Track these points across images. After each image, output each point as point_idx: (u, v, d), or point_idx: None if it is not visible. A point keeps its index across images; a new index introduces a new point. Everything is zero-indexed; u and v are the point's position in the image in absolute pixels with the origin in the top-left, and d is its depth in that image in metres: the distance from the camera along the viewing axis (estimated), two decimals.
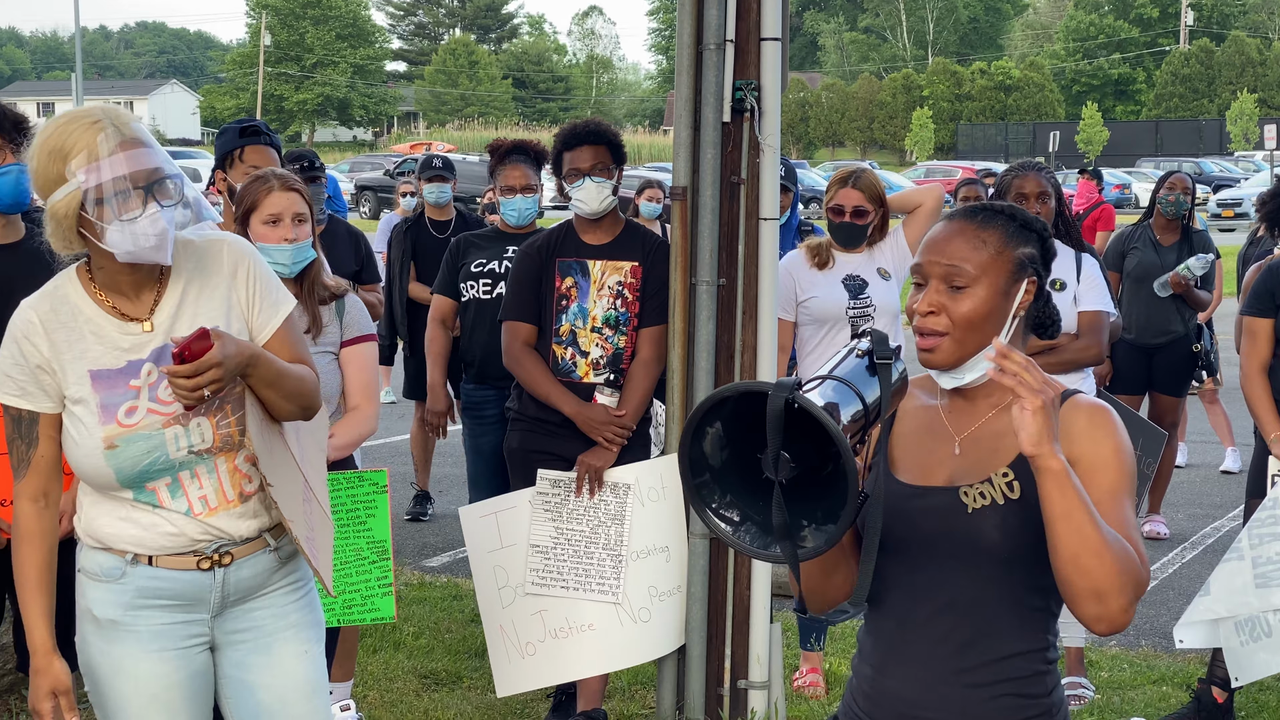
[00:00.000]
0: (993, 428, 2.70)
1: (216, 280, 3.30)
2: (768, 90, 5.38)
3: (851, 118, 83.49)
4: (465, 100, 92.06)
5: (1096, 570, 2.43)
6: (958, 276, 2.66)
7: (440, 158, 9.13)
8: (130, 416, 3.19)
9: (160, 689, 3.29)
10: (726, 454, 2.41)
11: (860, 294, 5.92)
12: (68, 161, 3.06)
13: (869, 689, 2.77)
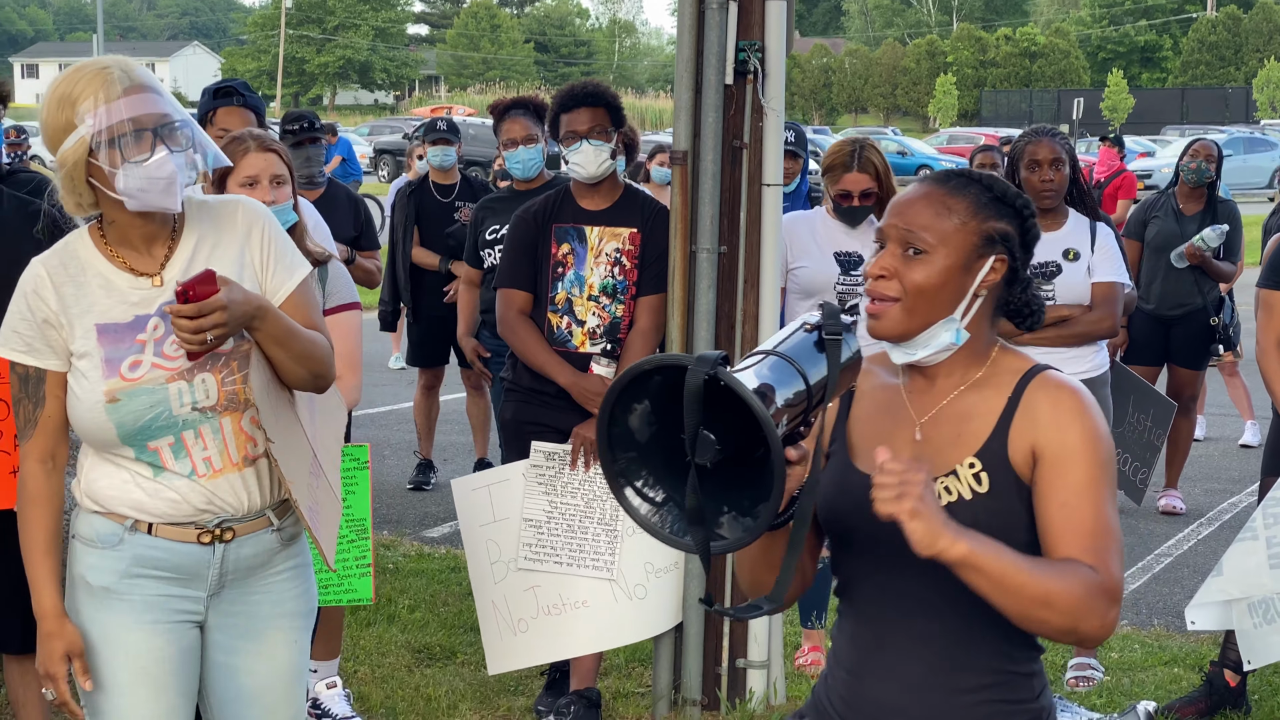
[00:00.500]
0: (956, 409, 2.53)
1: (230, 239, 3.23)
2: (772, 51, 5.22)
3: (875, 84, 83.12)
4: (487, 64, 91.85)
5: (1052, 618, 2.33)
6: (915, 241, 2.50)
7: (445, 120, 8.97)
8: (134, 370, 3.12)
9: (151, 662, 3.20)
10: (654, 430, 2.23)
11: (853, 270, 5.73)
12: (76, 107, 3.01)
13: (845, 692, 2.61)
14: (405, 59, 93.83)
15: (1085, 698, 5.61)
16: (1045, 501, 2.42)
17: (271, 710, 3.38)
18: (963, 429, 2.50)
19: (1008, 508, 2.42)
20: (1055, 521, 2.40)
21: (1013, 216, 2.55)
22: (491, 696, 5.59)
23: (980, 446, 2.46)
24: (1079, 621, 2.33)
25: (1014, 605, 2.31)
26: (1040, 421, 2.43)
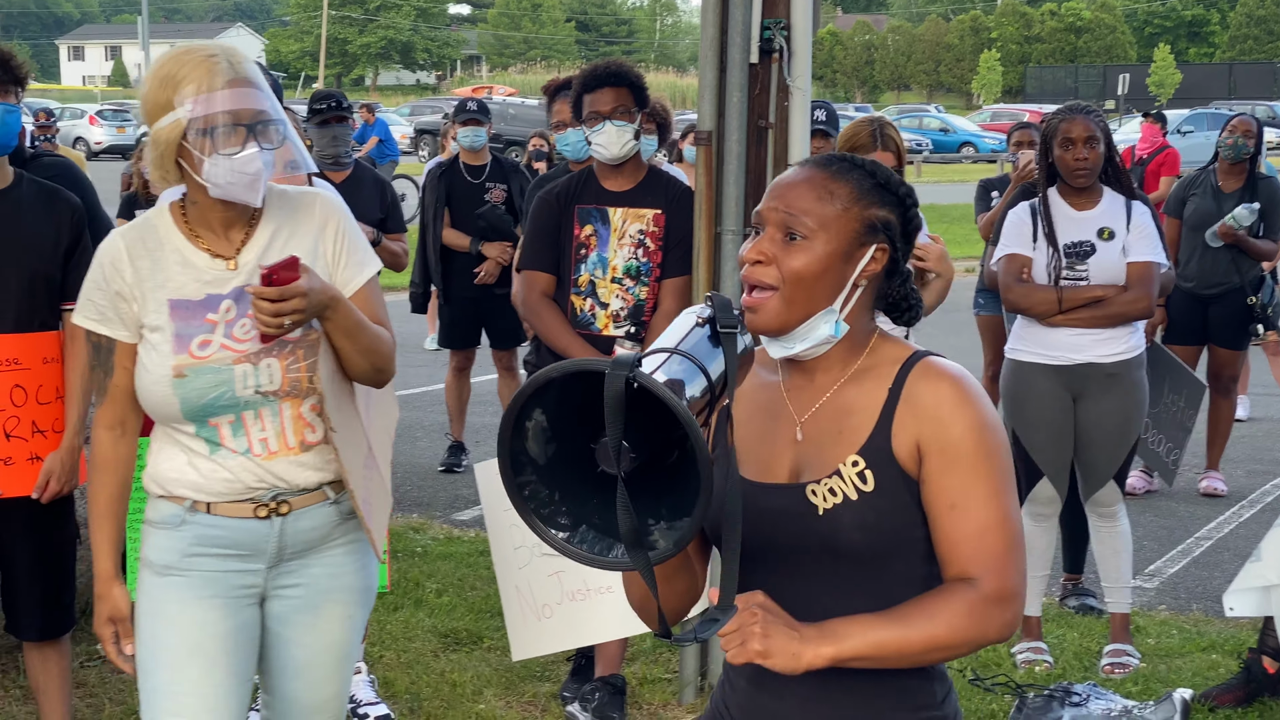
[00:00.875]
0: (836, 404, 2.41)
1: (306, 229, 3.27)
2: (798, 30, 5.14)
3: (918, 60, 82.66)
4: (528, 43, 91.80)
5: (949, 654, 2.28)
6: (795, 226, 2.37)
7: (475, 101, 8.90)
8: (203, 349, 3.16)
9: (204, 637, 3.24)
10: (553, 448, 2.09)
11: None
12: (178, 90, 3.07)
13: (745, 702, 2.48)
14: (447, 39, 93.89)
15: (1120, 685, 5.52)
16: (934, 504, 2.32)
17: (317, 685, 3.43)
18: (844, 425, 2.38)
19: (896, 505, 2.31)
20: (944, 527, 2.31)
21: (895, 204, 2.43)
22: (517, 683, 5.55)
23: (863, 443, 2.34)
24: (975, 643, 2.28)
25: (907, 664, 2.28)
26: (923, 414, 2.32)
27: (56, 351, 4.33)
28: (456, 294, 8.68)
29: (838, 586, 2.34)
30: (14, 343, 4.23)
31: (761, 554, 2.39)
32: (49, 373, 4.30)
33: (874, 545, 2.32)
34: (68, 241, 4.33)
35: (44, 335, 4.30)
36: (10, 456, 4.26)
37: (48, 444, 4.31)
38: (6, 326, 4.22)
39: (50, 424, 4.31)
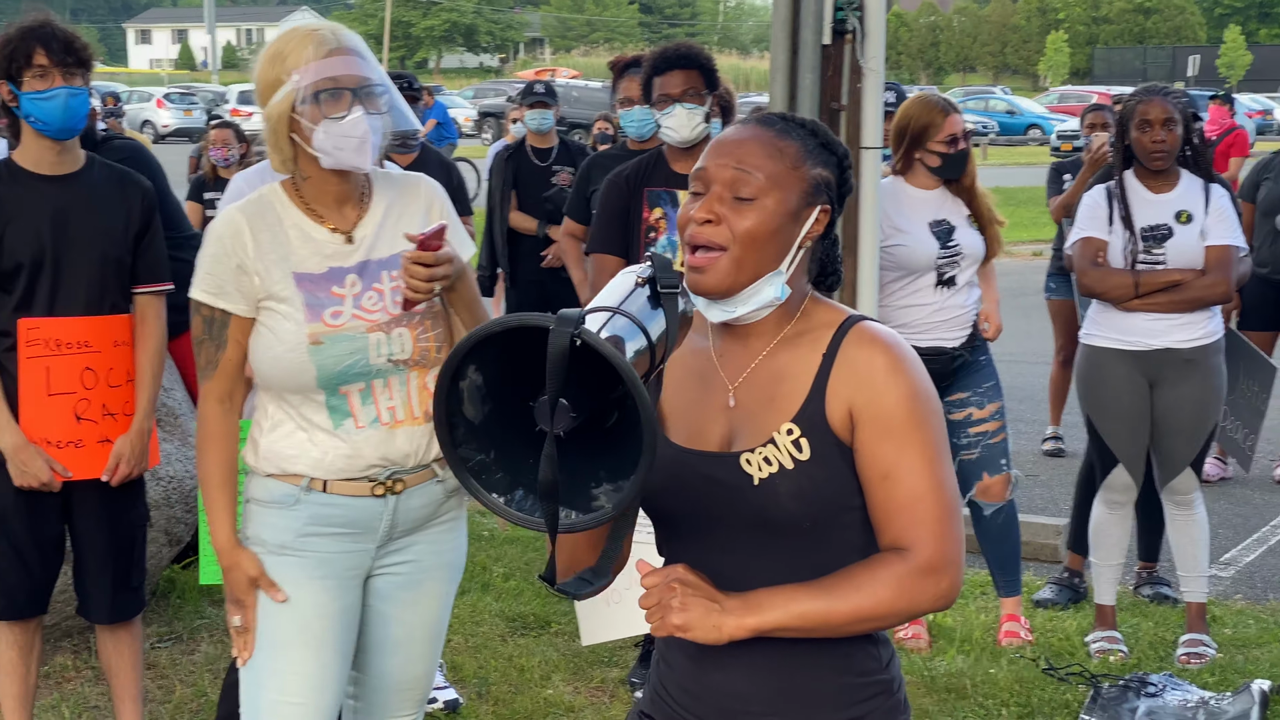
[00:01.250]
0: (769, 369, 2.35)
1: (414, 210, 3.37)
2: (871, 10, 5.09)
3: (984, 42, 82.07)
4: (591, 26, 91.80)
5: (879, 624, 2.26)
6: (746, 185, 2.29)
7: (543, 83, 8.87)
8: (335, 319, 3.23)
9: (313, 617, 3.28)
10: (490, 407, 2.04)
11: (948, 240, 5.62)
12: (285, 64, 3.18)
13: (688, 682, 2.42)
14: (510, 21, 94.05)
15: (1196, 675, 5.44)
16: (867, 473, 2.27)
17: (411, 661, 3.48)
18: (776, 391, 2.32)
19: (832, 474, 2.26)
20: (877, 497, 2.26)
21: (835, 166, 2.38)
22: (585, 668, 5.54)
23: (797, 410, 2.29)
24: (905, 614, 2.25)
25: (833, 634, 2.25)
26: (856, 381, 2.26)
27: (127, 335, 4.33)
28: (523, 277, 8.65)
29: (774, 557, 2.30)
30: (84, 325, 4.24)
31: (694, 523, 2.35)
32: (119, 356, 4.31)
33: (811, 515, 2.28)
34: (138, 225, 4.33)
35: (115, 318, 4.31)
36: (81, 439, 4.27)
37: (118, 427, 4.32)
38: (77, 309, 4.23)
39: (120, 407, 4.32)
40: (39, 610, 4.41)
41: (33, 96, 4.14)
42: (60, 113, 4.15)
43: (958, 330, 5.67)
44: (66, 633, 5.57)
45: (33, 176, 4.25)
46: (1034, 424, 9.46)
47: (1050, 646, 5.76)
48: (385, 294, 3.27)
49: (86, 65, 4.22)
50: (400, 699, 3.52)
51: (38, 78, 4.13)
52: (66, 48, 4.16)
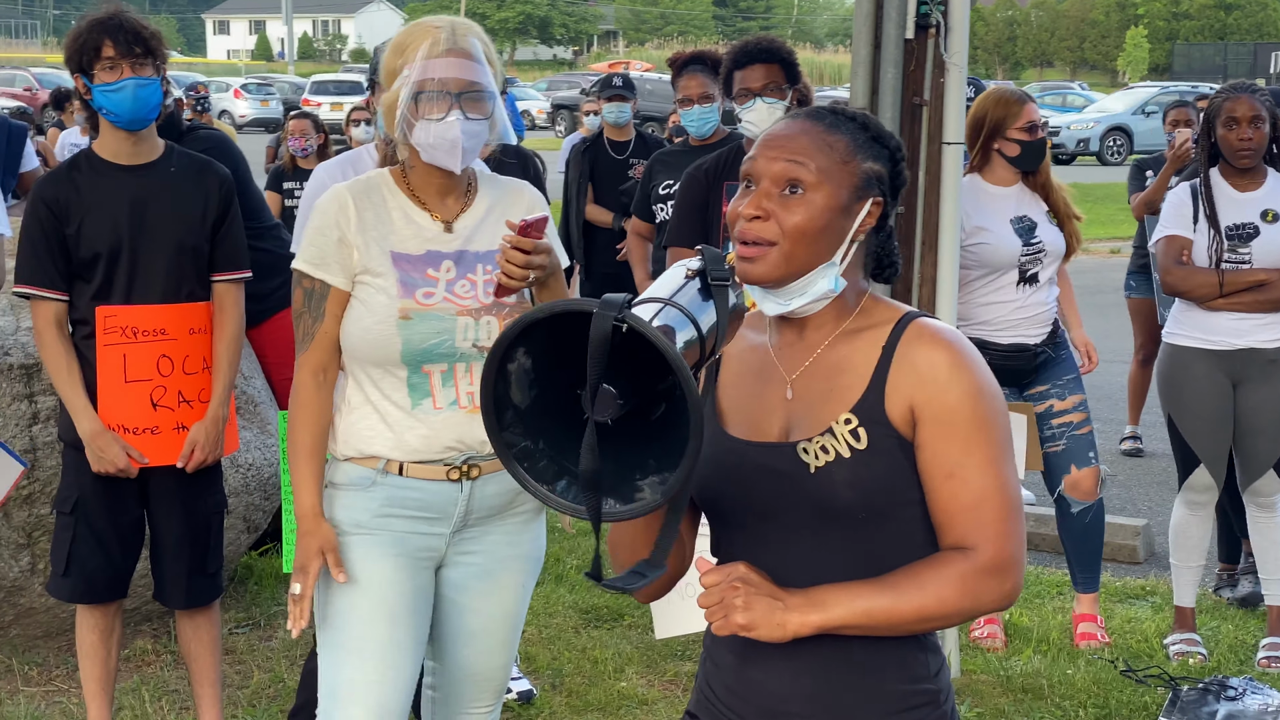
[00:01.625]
0: (827, 362, 2.33)
1: (517, 211, 3.41)
2: (955, 5, 5.04)
3: (1061, 37, 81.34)
4: (665, 19, 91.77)
5: (940, 624, 2.24)
6: (796, 180, 2.28)
7: (621, 76, 8.87)
8: (427, 299, 3.29)
9: (392, 595, 3.32)
10: (536, 392, 2.03)
11: (1031, 237, 5.57)
12: (404, 56, 3.27)
13: (731, 681, 2.41)
14: (584, 14, 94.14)
15: (1277, 679, 5.37)
16: (930, 471, 2.25)
17: (488, 652, 3.50)
18: (835, 383, 2.30)
19: (890, 465, 2.24)
20: (940, 495, 2.25)
21: (886, 159, 2.36)
22: (658, 661, 5.54)
23: (856, 401, 2.27)
24: (968, 613, 2.24)
25: (896, 633, 2.24)
26: (917, 378, 2.24)
27: (204, 322, 4.37)
28: (598, 270, 8.67)
29: (829, 549, 2.28)
30: (161, 313, 4.28)
31: (750, 516, 2.34)
32: (196, 343, 4.35)
33: (867, 504, 2.26)
34: (216, 213, 4.37)
35: (191, 306, 4.34)
36: (157, 426, 4.31)
37: (193, 414, 4.36)
38: (154, 297, 4.27)
39: (196, 394, 4.36)
40: (119, 594, 4.46)
41: (103, 88, 4.18)
42: (130, 103, 4.19)
43: (1040, 327, 5.63)
44: (147, 617, 5.63)
45: (111, 166, 4.29)
46: (1112, 423, 9.36)
47: (1129, 648, 5.70)
48: (478, 284, 3.33)
49: (156, 55, 4.25)
50: (478, 689, 3.53)
51: (107, 69, 4.18)
52: (134, 39, 4.19)
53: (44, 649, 5.41)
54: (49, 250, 4.22)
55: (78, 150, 4.41)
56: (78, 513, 4.34)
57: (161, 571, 4.49)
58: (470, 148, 3.29)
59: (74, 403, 4.24)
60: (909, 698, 2.32)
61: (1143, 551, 7.10)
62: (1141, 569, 6.94)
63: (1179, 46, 74.15)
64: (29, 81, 40.72)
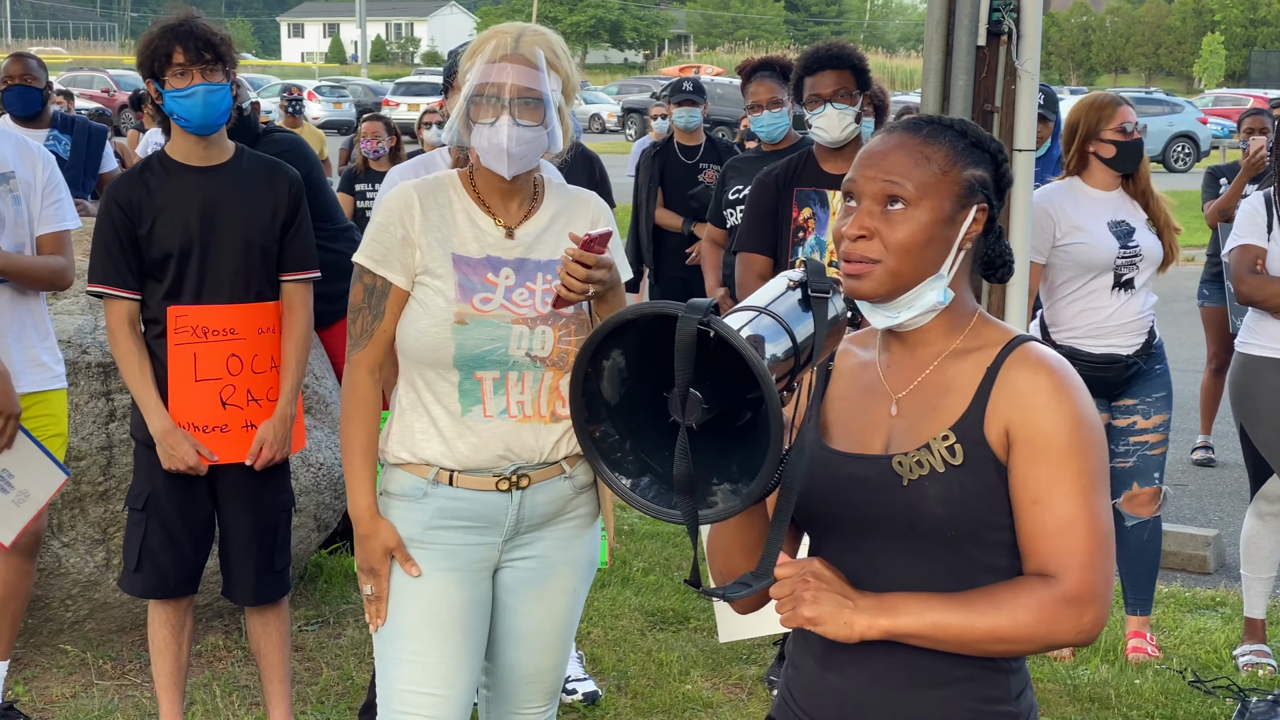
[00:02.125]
0: (934, 382, 2.33)
1: (582, 221, 3.43)
2: (1028, 11, 5.01)
3: (1137, 43, 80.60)
4: (736, 23, 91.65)
5: (1012, 649, 2.20)
6: (896, 196, 2.28)
7: (691, 81, 8.88)
8: (484, 305, 3.29)
9: (442, 609, 3.33)
10: (625, 390, 2.05)
11: (1129, 241, 5.52)
12: (472, 59, 3.29)
13: (810, 684, 2.40)
14: (655, 18, 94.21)
15: None
16: (1018, 495, 2.23)
17: (539, 655, 3.51)
18: (939, 402, 2.30)
19: (983, 486, 2.23)
20: (1026, 521, 2.22)
21: (989, 163, 2.35)
22: (723, 664, 5.55)
23: (956, 420, 2.27)
24: (1043, 643, 2.19)
25: (965, 651, 2.21)
26: (1016, 400, 2.23)
27: (273, 322, 4.42)
28: (667, 274, 8.67)
29: (918, 565, 2.27)
30: (231, 313, 4.34)
31: (844, 525, 2.33)
32: (265, 342, 4.40)
33: (957, 522, 2.24)
34: (286, 214, 4.42)
35: (260, 305, 4.40)
36: (226, 424, 4.36)
37: (262, 412, 4.41)
38: (223, 297, 4.33)
39: (265, 393, 4.41)
40: (190, 590, 4.52)
41: (174, 94, 4.24)
42: (199, 109, 4.25)
43: (1134, 337, 5.57)
44: (218, 613, 5.70)
45: (182, 168, 4.36)
46: (1184, 433, 9.29)
47: (1197, 659, 5.66)
48: (536, 293, 3.32)
49: (225, 61, 4.30)
50: (530, 690, 3.55)
51: (177, 75, 4.24)
52: (204, 45, 4.25)
53: (118, 643, 5.49)
54: (121, 250, 4.29)
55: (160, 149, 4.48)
56: (149, 509, 4.41)
57: (230, 568, 4.54)
58: (520, 154, 3.26)
59: (145, 401, 4.30)
60: (986, 717, 2.30)
61: (1213, 562, 7.04)
62: (1212, 579, 6.89)
63: (1256, 53, 73.34)
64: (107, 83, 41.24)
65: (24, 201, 4.73)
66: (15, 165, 4.74)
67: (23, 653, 5.42)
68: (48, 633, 5.45)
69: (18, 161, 4.76)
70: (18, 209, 4.72)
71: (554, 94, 3.30)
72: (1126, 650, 5.70)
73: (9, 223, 4.69)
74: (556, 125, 3.31)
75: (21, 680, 5.22)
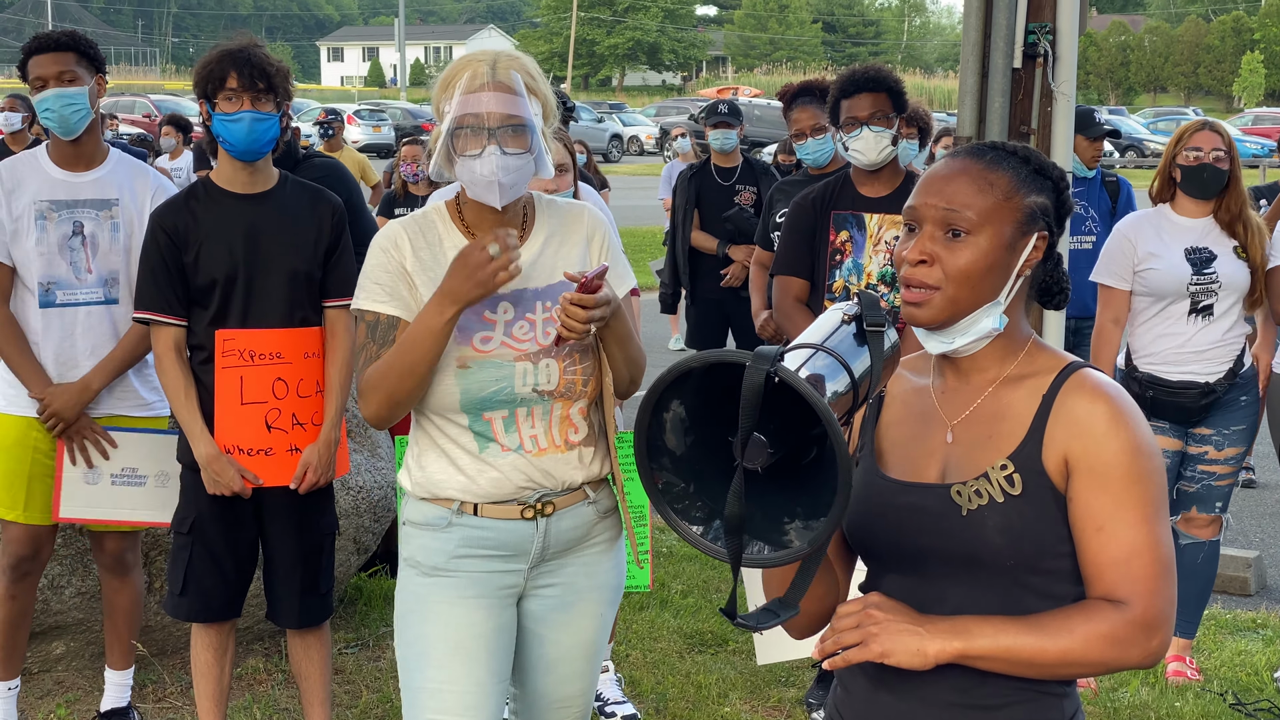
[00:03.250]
0: (989, 409, 2.32)
1: (575, 240, 3.39)
2: (1063, 34, 5.04)
3: (1176, 62, 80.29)
4: (774, 44, 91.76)
5: (1081, 671, 2.19)
6: (957, 222, 2.27)
7: (726, 103, 8.90)
8: (485, 344, 3.25)
9: (468, 637, 3.31)
10: (691, 439, 2.05)
11: (1205, 268, 5.44)
12: (447, 90, 3.23)
13: (861, 705, 2.40)
14: (693, 40, 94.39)
15: None
16: (1081, 524, 2.22)
17: (566, 680, 3.50)
18: (995, 430, 2.30)
19: (1042, 515, 2.22)
20: (1091, 549, 2.21)
21: (1051, 190, 2.34)
22: (762, 687, 5.55)
23: (1014, 449, 2.26)
24: (1112, 666, 2.18)
25: (1035, 674, 2.20)
26: (1075, 429, 2.23)
27: (317, 347, 4.45)
28: (703, 295, 8.69)
29: (977, 595, 2.26)
30: (276, 337, 4.37)
31: (902, 555, 2.33)
32: (309, 367, 4.43)
33: (1016, 551, 2.23)
34: (328, 240, 4.45)
35: (305, 331, 4.43)
36: (271, 447, 4.39)
37: (306, 436, 4.44)
38: (269, 322, 4.36)
39: (309, 417, 4.44)
40: (233, 614, 4.55)
41: (222, 118, 4.28)
42: (245, 135, 4.28)
43: (1214, 364, 5.50)
44: (259, 636, 5.73)
45: (227, 195, 4.39)
46: None
47: (1238, 681, 5.63)
48: (537, 324, 3.28)
49: (277, 91, 4.33)
50: (556, 716, 3.54)
51: (228, 100, 4.27)
52: (259, 73, 4.28)
53: (159, 666, 5.53)
54: (168, 277, 4.33)
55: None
56: (195, 533, 4.44)
57: (274, 591, 4.57)
58: (510, 183, 3.21)
59: (190, 426, 4.34)
60: None
61: (1254, 584, 7.00)
62: (1252, 601, 6.85)
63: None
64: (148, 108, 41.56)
65: (123, 229, 4.80)
66: (123, 193, 4.82)
67: (65, 675, 5.47)
68: (90, 655, 5.50)
69: (130, 190, 4.84)
70: (115, 235, 4.79)
71: (535, 118, 3.25)
72: (1167, 673, 5.68)
73: (103, 248, 4.78)
74: (544, 149, 3.27)
75: (64, 703, 5.26)
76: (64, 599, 5.32)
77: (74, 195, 4.76)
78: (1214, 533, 5.63)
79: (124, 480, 4.80)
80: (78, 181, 4.78)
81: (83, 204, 4.76)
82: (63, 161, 4.79)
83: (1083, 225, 7.03)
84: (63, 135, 4.74)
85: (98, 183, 4.80)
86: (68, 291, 4.75)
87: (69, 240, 4.73)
